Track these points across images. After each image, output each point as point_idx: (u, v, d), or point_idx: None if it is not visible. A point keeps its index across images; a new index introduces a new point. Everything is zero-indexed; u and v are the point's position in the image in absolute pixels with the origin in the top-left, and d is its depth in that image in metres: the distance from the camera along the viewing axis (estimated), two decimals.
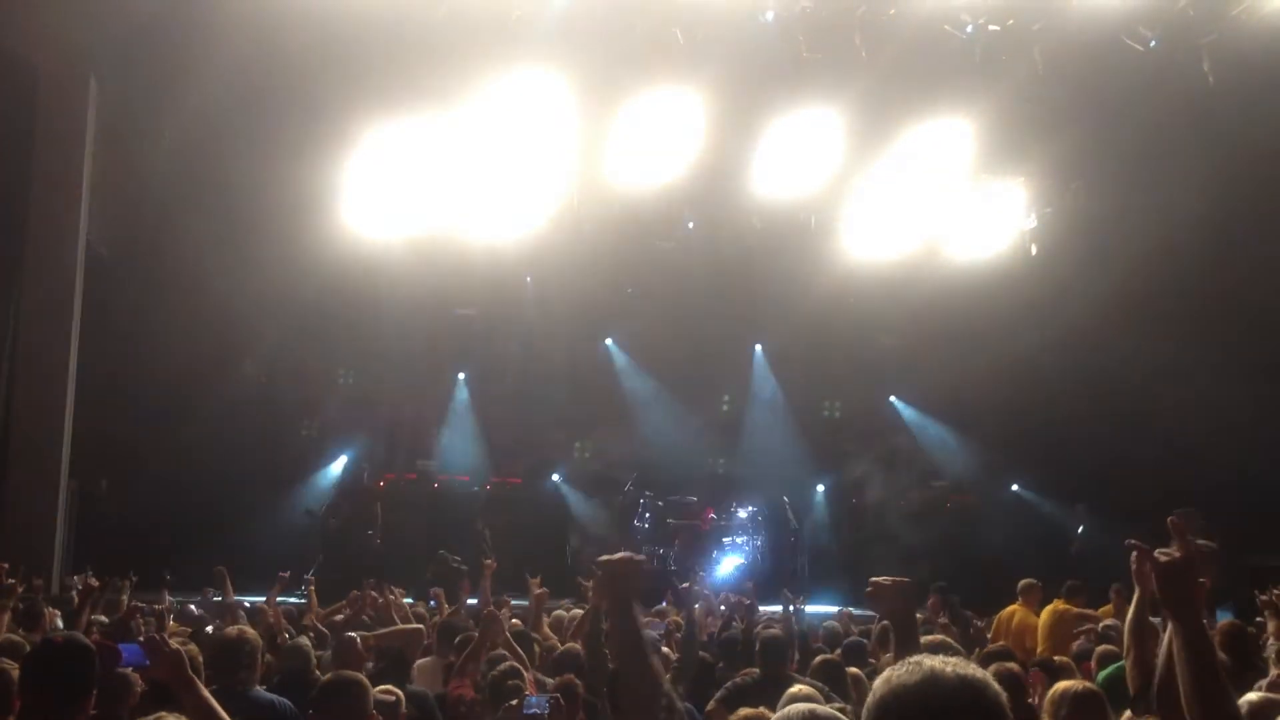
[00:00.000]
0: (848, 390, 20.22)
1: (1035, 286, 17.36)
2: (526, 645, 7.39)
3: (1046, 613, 10.88)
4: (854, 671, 6.81)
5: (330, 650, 6.95)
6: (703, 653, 6.76)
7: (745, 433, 20.47)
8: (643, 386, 20.29)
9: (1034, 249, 17.36)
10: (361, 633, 7.86)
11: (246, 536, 15.45)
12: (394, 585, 11.38)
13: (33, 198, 14.41)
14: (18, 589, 7.98)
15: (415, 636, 8.20)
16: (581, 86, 14.74)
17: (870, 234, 17.56)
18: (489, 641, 6.96)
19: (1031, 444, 18.67)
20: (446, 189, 16.19)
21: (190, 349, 16.65)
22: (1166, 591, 2.90)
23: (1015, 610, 11.15)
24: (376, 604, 9.71)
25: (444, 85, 14.64)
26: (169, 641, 4.02)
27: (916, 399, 20.68)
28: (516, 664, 6.09)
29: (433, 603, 10.87)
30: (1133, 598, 4.31)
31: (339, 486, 18.21)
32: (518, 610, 10.09)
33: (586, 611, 9.05)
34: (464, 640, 7.44)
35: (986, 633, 10.52)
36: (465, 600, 10.07)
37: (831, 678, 6.56)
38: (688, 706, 6.53)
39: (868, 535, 19.05)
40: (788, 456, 20.18)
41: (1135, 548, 3.06)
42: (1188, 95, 14.23)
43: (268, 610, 9.74)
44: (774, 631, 7.41)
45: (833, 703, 5.04)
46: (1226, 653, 5.98)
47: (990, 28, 13.95)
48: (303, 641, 7.40)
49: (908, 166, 16.33)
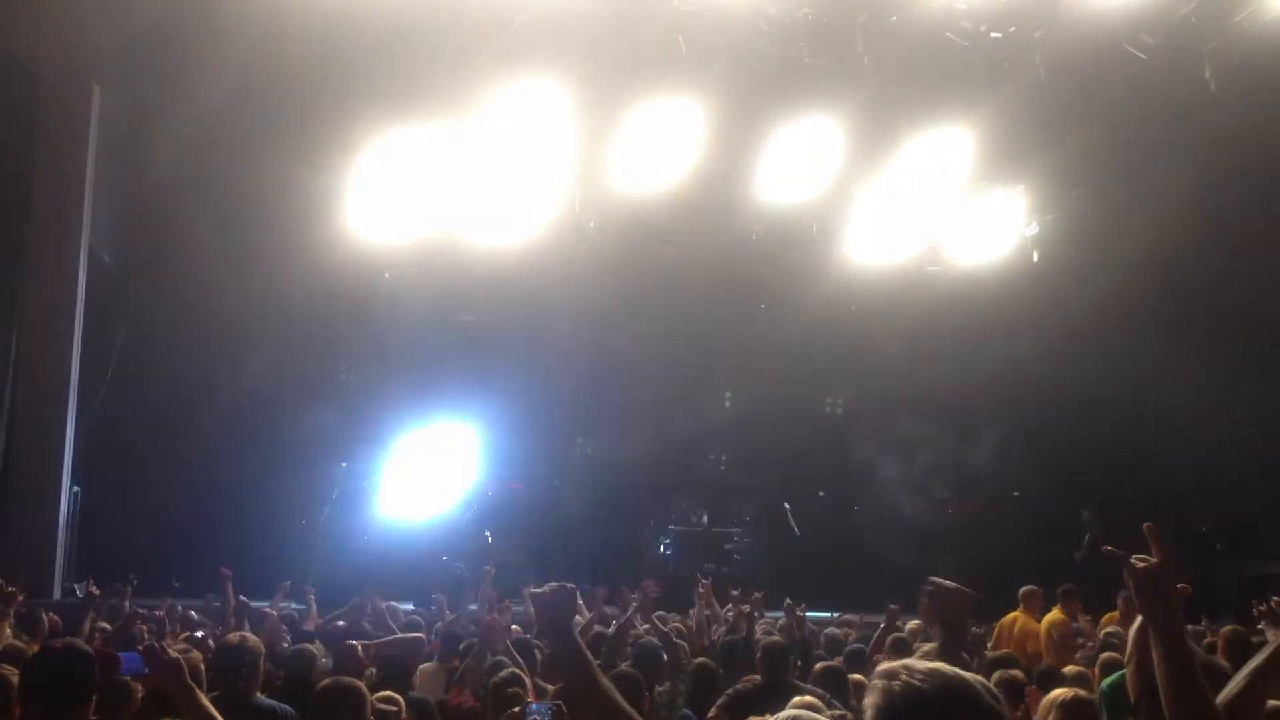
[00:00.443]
0: (850, 396, 20.16)
1: (1037, 293, 17.35)
2: (527, 652, 7.38)
3: (1045, 623, 10.84)
4: (856, 678, 6.80)
5: (331, 658, 6.93)
6: (704, 659, 6.75)
7: (746, 438, 20.41)
8: (644, 391, 20.24)
9: (1035, 256, 17.36)
10: (362, 641, 7.86)
11: (247, 542, 15.42)
12: (394, 593, 11.40)
13: (35, 204, 14.42)
14: (18, 597, 7.98)
15: (415, 644, 8.19)
16: (584, 93, 14.74)
17: (872, 240, 17.56)
18: (490, 649, 6.96)
19: (1034, 450, 18.64)
20: (449, 195, 16.19)
21: (193, 354, 16.64)
22: (1143, 597, 2.95)
23: (1017, 616, 11.11)
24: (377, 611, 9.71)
25: (446, 91, 14.65)
26: (168, 649, 4.01)
27: (919, 405, 20.65)
28: (518, 671, 6.07)
29: (433, 608, 10.89)
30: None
31: (339, 491, 18.16)
32: (518, 617, 10.08)
33: (590, 618, 9.06)
34: (467, 647, 7.45)
35: (985, 640, 10.50)
36: (469, 606, 10.06)
37: (833, 684, 6.56)
38: (687, 713, 6.54)
39: (870, 542, 19.03)
40: (789, 462, 20.14)
41: (1112, 554, 3.10)
42: (1189, 102, 14.23)
43: (270, 616, 9.74)
44: (775, 638, 7.41)
45: (834, 710, 5.04)
46: (1228, 660, 5.96)
47: (992, 35, 13.96)
48: (304, 648, 7.40)
49: (909, 173, 16.34)
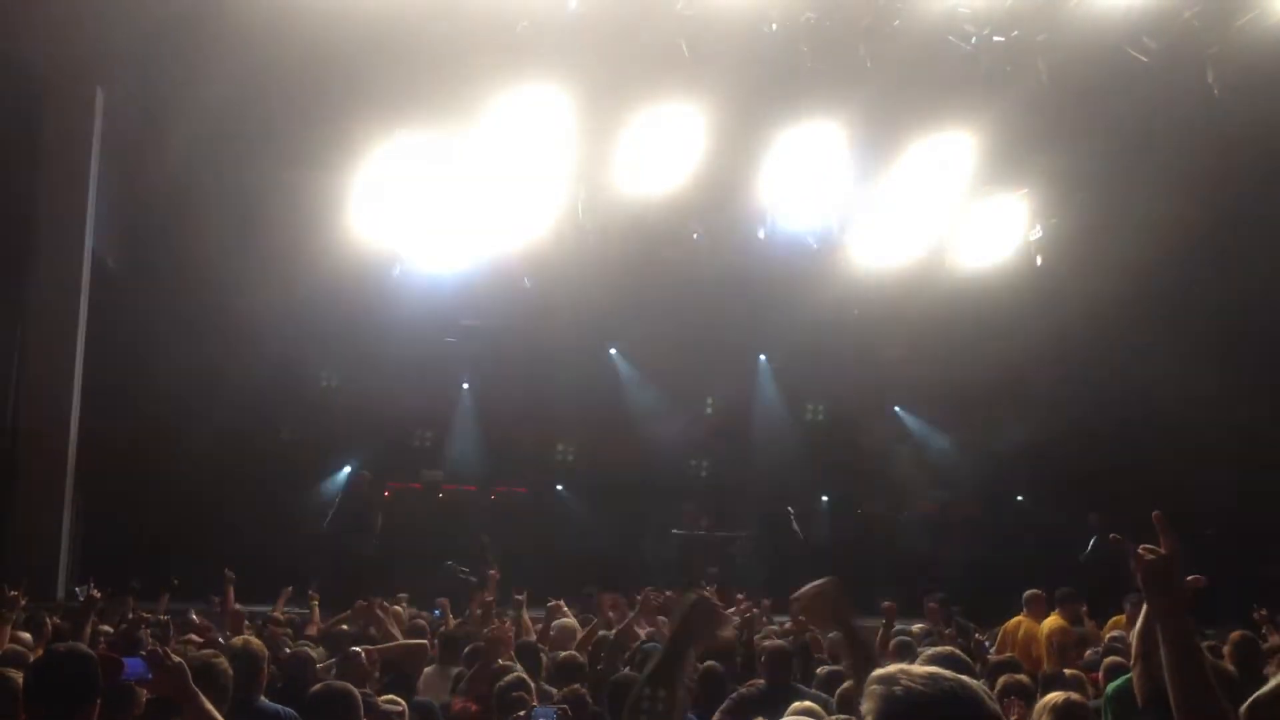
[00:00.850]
0: (851, 401, 20.16)
1: (1040, 298, 17.33)
2: (532, 657, 7.38)
3: (1044, 629, 10.75)
4: (845, 687, 6.76)
5: (336, 665, 6.93)
6: (712, 662, 6.74)
7: (749, 442, 20.41)
8: (647, 395, 20.27)
9: (1038, 260, 17.35)
10: (366, 646, 7.86)
11: (250, 546, 15.42)
12: (398, 594, 11.38)
13: (39, 208, 14.43)
14: (21, 600, 7.98)
15: (418, 651, 8.18)
16: (587, 98, 14.75)
17: (875, 245, 17.55)
18: (494, 655, 6.96)
19: (1036, 454, 18.63)
20: (453, 199, 16.20)
21: (197, 359, 16.65)
22: (1151, 588, 2.85)
23: (1021, 621, 11.07)
24: (377, 619, 9.67)
25: (450, 96, 14.66)
26: (171, 654, 4.00)
27: (920, 409, 20.65)
28: (523, 675, 6.07)
29: (437, 613, 10.88)
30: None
31: (341, 495, 18.17)
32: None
33: (595, 624, 9.05)
34: (473, 651, 7.45)
35: (986, 643, 10.46)
36: (476, 610, 10.05)
37: (836, 689, 6.54)
38: (691, 718, 6.52)
39: (873, 546, 19.04)
40: (792, 467, 20.13)
41: (1119, 543, 3.01)
42: (1192, 106, 14.23)
43: (275, 620, 9.74)
44: (778, 643, 7.39)
45: (834, 715, 5.04)
46: (1235, 665, 5.95)
47: (995, 39, 13.96)
48: (304, 652, 7.40)
49: (912, 177, 16.34)
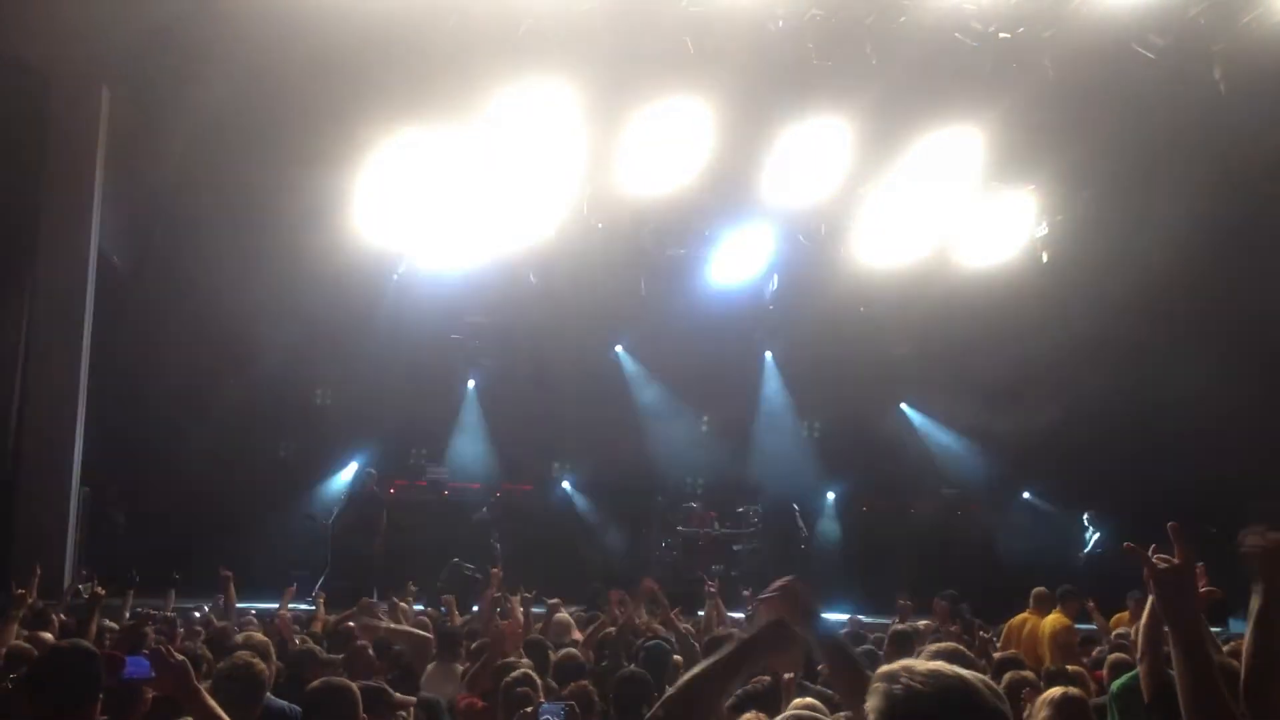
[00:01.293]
0: (858, 397, 20.16)
1: (1046, 294, 17.31)
2: (539, 653, 7.37)
3: (1047, 627, 10.71)
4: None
5: (342, 659, 6.93)
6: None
7: (755, 439, 20.41)
8: (652, 394, 20.27)
9: (1045, 257, 17.32)
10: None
11: (256, 543, 15.46)
12: (403, 593, 11.37)
13: (44, 207, 14.42)
14: (28, 598, 8.00)
15: (423, 645, 8.17)
16: (591, 95, 14.73)
17: (881, 242, 17.53)
18: (499, 653, 6.95)
19: (1042, 451, 18.60)
20: (457, 197, 16.20)
21: (202, 357, 16.67)
22: (1163, 597, 2.89)
23: (1027, 618, 11.06)
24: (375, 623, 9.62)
25: (454, 94, 14.64)
26: (174, 652, 3.99)
27: (927, 406, 20.64)
28: (529, 670, 6.06)
29: (443, 609, 10.88)
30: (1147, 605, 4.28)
31: (347, 493, 18.19)
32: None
33: (601, 621, 9.04)
34: (479, 648, 7.44)
35: (993, 640, 10.44)
36: (485, 607, 10.06)
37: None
38: None
39: (878, 542, 19.02)
40: (797, 463, 20.13)
41: (1134, 551, 3.05)
42: (1199, 103, 14.18)
43: (281, 617, 9.74)
44: None
45: (839, 712, 5.02)
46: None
47: (1001, 35, 13.92)
48: (309, 648, 7.41)
49: (918, 174, 16.31)
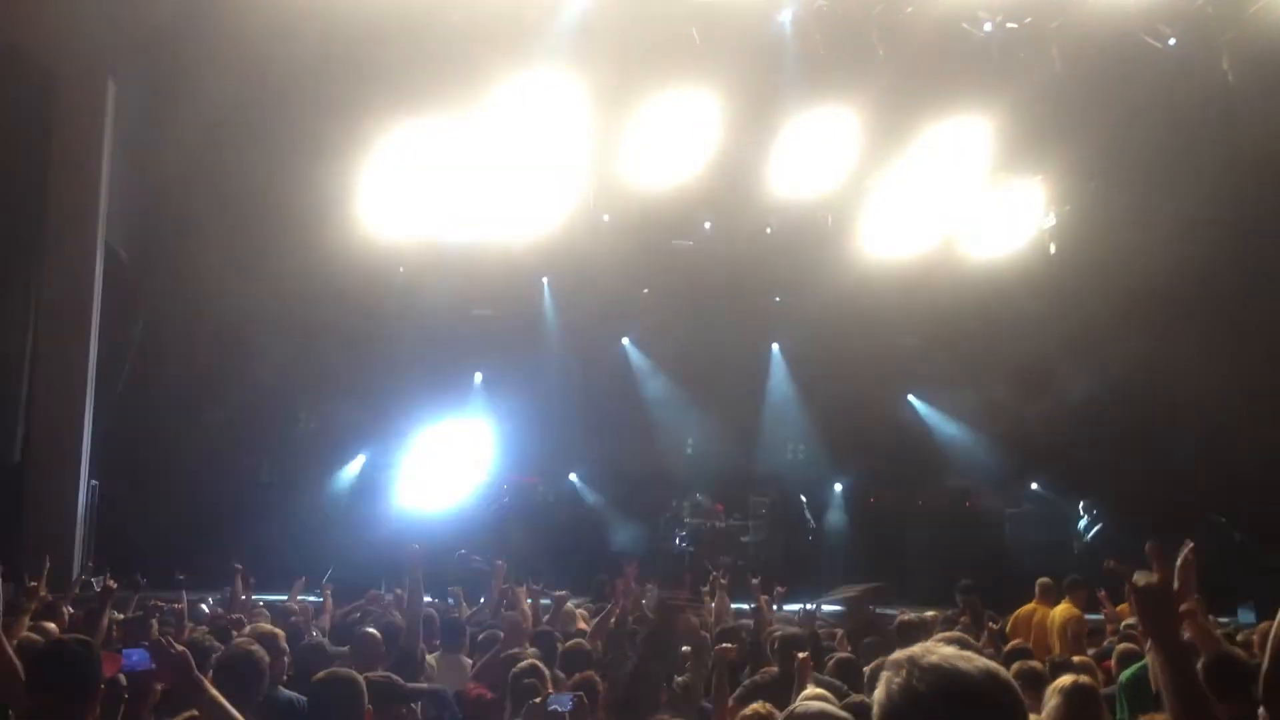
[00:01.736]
0: (865, 389, 20.12)
1: (1053, 285, 17.28)
2: (547, 644, 7.38)
3: (1057, 617, 10.70)
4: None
5: (350, 648, 6.94)
6: (727, 644, 6.73)
7: (762, 431, 20.39)
8: (660, 386, 20.27)
9: (1052, 247, 17.29)
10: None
11: (264, 536, 15.47)
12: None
13: (51, 200, 14.45)
14: (39, 592, 8.02)
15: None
16: (597, 87, 14.72)
17: (888, 233, 17.50)
18: (509, 644, 6.96)
19: (1049, 442, 18.57)
20: (463, 190, 16.20)
21: (209, 348, 16.69)
22: (1144, 615, 2.94)
23: (1035, 608, 11.05)
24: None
25: (460, 87, 14.65)
26: (175, 644, 3.99)
27: (934, 397, 20.60)
28: (536, 662, 6.07)
29: (451, 601, 10.90)
30: None
31: (357, 485, 18.20)
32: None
33: (608, 610, 9.05)
34: (487, 639, 7.46)
35: (1004, 631, 10.43)
36: (494, 599, 10.07)
37: (849, 676, 6.55)
38: (706, 705, 6.52)
39: (886, 534, 19.00)
40: (805, 455, 20.12)
41: (1114, 570, 3.10)
42: (1207, 93, 14.15)
43: (292, 608, 9.76)
44: (792, 630, 7.39)
45: (847, 699, 5.03)
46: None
47: (1008, 25, 13.90)
48: (318, 641, 7.42)
49: (925, 165, 16.28)
